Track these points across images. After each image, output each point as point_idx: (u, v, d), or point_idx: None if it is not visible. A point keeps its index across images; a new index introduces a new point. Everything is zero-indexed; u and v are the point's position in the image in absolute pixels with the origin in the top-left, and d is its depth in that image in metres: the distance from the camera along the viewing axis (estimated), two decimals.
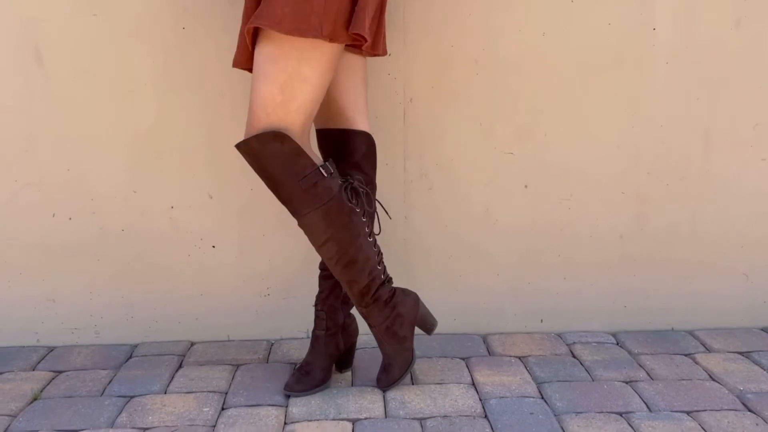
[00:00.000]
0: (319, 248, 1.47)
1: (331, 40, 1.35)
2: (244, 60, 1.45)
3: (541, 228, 1.86)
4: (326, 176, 1.42)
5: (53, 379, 1.65)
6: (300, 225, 1.45)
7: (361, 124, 1.55)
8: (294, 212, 1.44)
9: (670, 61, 1.80)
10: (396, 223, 1.82)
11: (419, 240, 1.85)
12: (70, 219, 1.80)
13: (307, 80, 1.37)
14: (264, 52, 1.37)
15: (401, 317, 1.55)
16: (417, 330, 1.66)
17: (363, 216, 1.48)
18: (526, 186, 1.84)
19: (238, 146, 1.41)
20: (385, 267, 1.55)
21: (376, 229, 1.55)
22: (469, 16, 1.76)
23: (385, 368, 1.58)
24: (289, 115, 1.38)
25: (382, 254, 1.54)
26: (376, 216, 1.55)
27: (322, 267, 1.60)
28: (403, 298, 1.57)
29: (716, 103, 1.82)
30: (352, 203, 1.46)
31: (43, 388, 1.61)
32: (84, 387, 1.61)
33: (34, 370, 1.70)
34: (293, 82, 1.36)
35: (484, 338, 1.86)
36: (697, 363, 1.70)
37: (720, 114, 1.83)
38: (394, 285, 1.62)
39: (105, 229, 1.80)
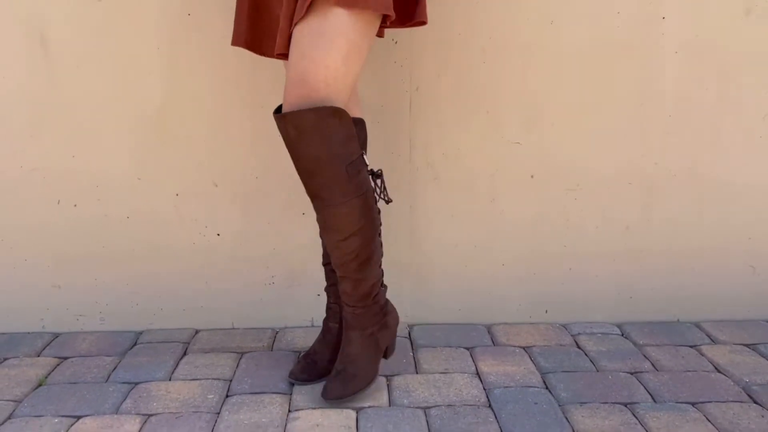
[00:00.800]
0: (340, 242, 1.36)
1: (388, 17, 1.32)
2: (287, 44, 1.34)
3: (547, 218, 1.85)
4: (366, 165, 1.36)
5: (58, 365, 1.66)
6: (326, 216, 1.34)
7: (356, 111, 1.54)
8: (327, 201, 1.32)
9: (680, 51, 1.78)
10: (401, 213, 1.82)
11: (424, 230, 1.84)
12: (75, 206, 1.80)
13: (362, 56, 1.30)
14: (327, 25, 1.27)
15: (387, 328, 1.49)
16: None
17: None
18: (532, 176, 1.83)
19: (283, 117, 1.28)
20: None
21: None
22: (476, 4, 1.74)
23: (347, 377, 1.44)
24: (346, 89, 1.29)
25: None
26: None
27: (326, 261, 1.55)
28: (393, 310, 1.52)
29: (725, 93, 1.81)
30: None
31: (48, 374, 1.61)
32: (89, 373, 1.61)
33: (39, 356, 1.71)
34: (353, 55, 1.28)
35: (489, 328, 1.85)
36: (702, 354, 1.70)
37: (729, 104, 1.81)
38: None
39: (110, 216, 1.80)
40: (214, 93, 1.76)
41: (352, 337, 1.46)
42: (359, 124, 1.51)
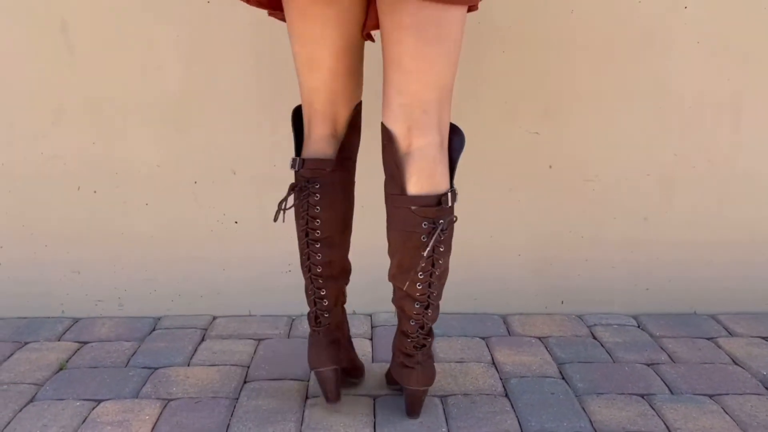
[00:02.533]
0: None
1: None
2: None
3: (564, 209, 1.84)
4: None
5: (78, 349, 1.68)
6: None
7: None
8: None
9: (702, 41, 1.77)
10: None
11: None
12: (95, 192, 1.81)
13: None
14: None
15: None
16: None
17: None
18: (550, 166, 1.82)
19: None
20: None
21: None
22: None
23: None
24: None
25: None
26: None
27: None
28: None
29: (747, 84, 1.79)
30: None
31: (69, 359, 1.63)
32: (108, 358, 1.63)
33: (59, 340, 1.73)
34: None
35: (504, 318, 1.86)
36: (719, 347, 1.69)
37: (750, 95, 1.80)
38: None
39: (129, 203, 1.82)
40: (232, 80, 1.76)
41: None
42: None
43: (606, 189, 1.84)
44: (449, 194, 1.26)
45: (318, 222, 1.32)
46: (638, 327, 1.81)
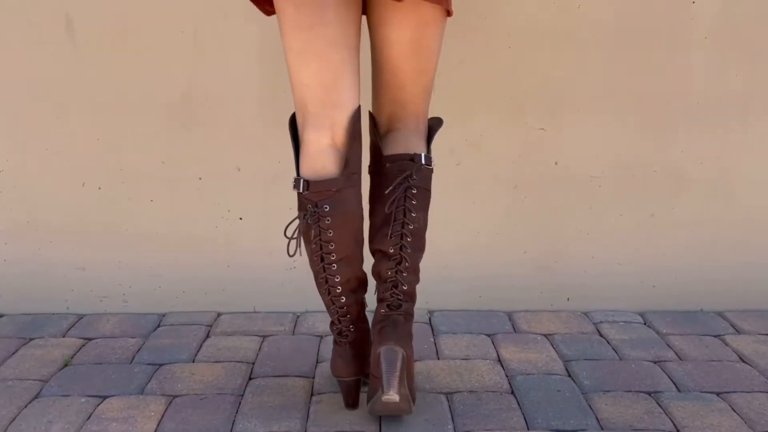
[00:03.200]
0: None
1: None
2: None
3: (570, 205, 1.83)
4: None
5: (83, 346, 1.68)
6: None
7: None
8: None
9: (709, 36, 1.75)
10: None
11: (446, 216, 1.83)
12: (100, 188, 1.81)
13: None
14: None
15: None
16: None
17: None
18: (556, 163, 1.81)
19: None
20: None
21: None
22: None
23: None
24: None
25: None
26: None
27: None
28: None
29: (755, 79, 1.78)
30: None
31: (74, 355, 1.63)
32: (113, 354, 1.63)
33: (64, 336, 1.73)
34: None
35: (510, 315, 1.85)
36: (726, 344, 1.68)
37: (758, 91, 1.78)
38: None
39: (133, 199, 1.81)
40: (237, 77, 1.76)
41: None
42: None
43: (612, 186, 1.83)
44: (423, 155, 1.32)
45: (332, 246, 1.26)
46: (645, 324, 1.80)
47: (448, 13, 1.33)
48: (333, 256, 1.27)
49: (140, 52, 1.74)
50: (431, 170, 1.35)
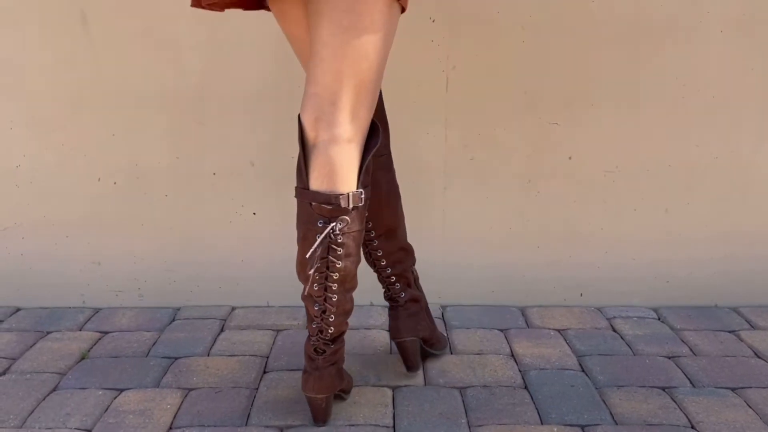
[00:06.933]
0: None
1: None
2: None
3: (584, 200, 1.83)
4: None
5: (99, 339, 1.69)
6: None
7: None
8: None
9: (725, 29, 1.74)
10: (435, 194, 1.81)
11: (459, 211, 1.84)
12: (115, 183, 1.82)
13: None
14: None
15: None
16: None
17: None
18: (570, 157, 1.81)
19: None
20: None
21: None
22: None
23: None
24: None
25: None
26: None
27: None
28: None
29: None
30: None
31: (90, 348, 1.65)
32: (129, 348, 1.65)
33: (81, 330, 1.75)
34: None
35: (523, 310, 1.85)
36: (741, 340, 1.68)
37: None
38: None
39: (149, 194, 1.83)
40: (251, 72, 1.76)
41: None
42: None
43: (626, 180, 1.82)
44: (350, 195, 1.18)
45: (370, 224, 1.40)
46: (659, 320, 1.80)
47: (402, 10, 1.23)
48: (372, 233, 1.43)
49: (154, 47, 1.75)
50: (367, 198, 1.24)
